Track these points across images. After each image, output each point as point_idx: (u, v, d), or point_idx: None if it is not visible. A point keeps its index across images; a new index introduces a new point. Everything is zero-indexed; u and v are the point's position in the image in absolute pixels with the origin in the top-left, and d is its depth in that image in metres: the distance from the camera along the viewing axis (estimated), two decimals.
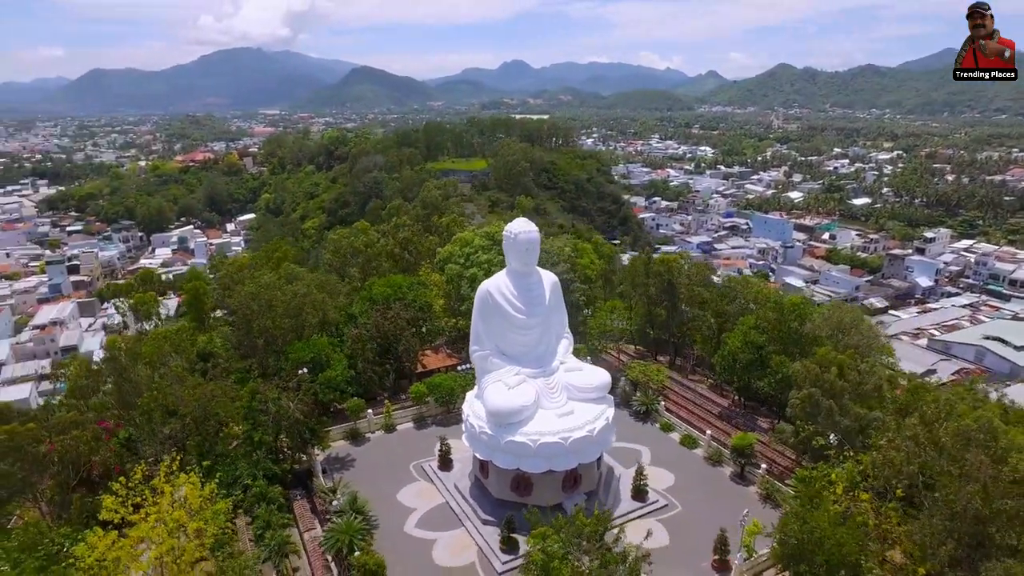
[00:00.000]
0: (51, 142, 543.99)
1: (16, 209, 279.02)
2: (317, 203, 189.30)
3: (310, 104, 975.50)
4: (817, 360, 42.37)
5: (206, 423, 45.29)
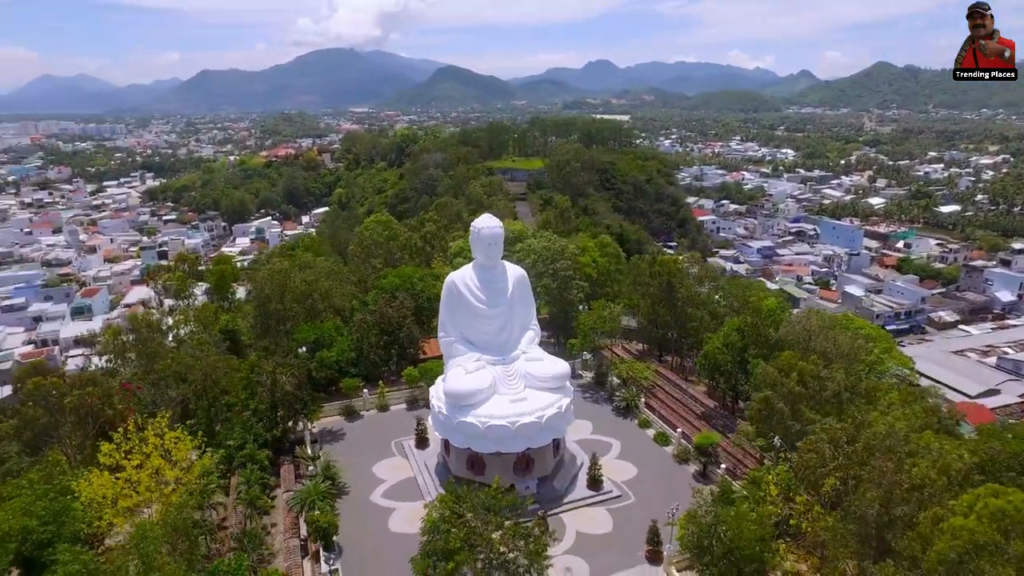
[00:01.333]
0: (161, 138, 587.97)
1: (124, 199, 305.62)
2: (382, 198, 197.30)
3: (397, 102, 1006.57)
4: (777, 364, 42.47)
5: (212, 390, 50.52)
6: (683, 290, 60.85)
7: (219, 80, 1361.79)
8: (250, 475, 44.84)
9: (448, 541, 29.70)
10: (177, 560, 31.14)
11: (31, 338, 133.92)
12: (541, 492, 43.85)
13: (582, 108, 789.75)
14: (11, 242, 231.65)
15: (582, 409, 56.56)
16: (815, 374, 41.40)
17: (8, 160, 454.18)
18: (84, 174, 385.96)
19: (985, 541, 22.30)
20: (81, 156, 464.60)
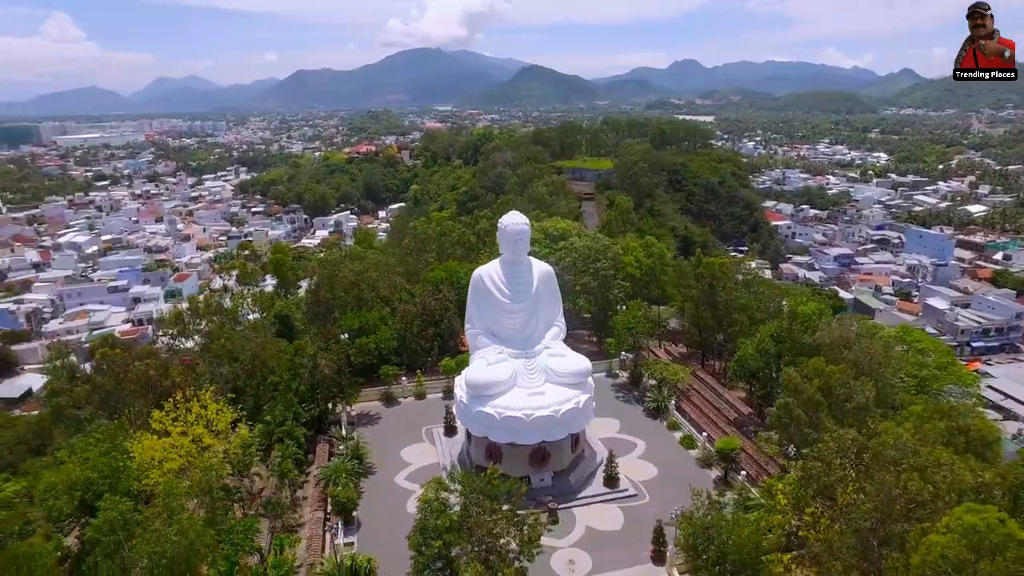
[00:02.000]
0: (257, 135, 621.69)
1: (219, 192, 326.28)
2: (454, 196, 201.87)
3: (481, 101, 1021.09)
4: (800, 370, 41.44)
5: (260, 369, 54.25)
6: (723, 293, 59.79)
7: (313, 79, 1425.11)
8: (285, 450, 47.95)
9: (439, 520, 31.16)
10: (200, 516, 34.12)
11: (129, 317, 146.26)
12: (556, 485, 44.67)
13: (665, 108, 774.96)
14: (120, 229, 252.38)
15: (612, 408, 56.94)
16: (843, 383, 40.13)
17: (125, 155, 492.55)
18: (186, 168, 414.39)
19: (956, 559, 21.50)
20: (185, 151, 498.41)
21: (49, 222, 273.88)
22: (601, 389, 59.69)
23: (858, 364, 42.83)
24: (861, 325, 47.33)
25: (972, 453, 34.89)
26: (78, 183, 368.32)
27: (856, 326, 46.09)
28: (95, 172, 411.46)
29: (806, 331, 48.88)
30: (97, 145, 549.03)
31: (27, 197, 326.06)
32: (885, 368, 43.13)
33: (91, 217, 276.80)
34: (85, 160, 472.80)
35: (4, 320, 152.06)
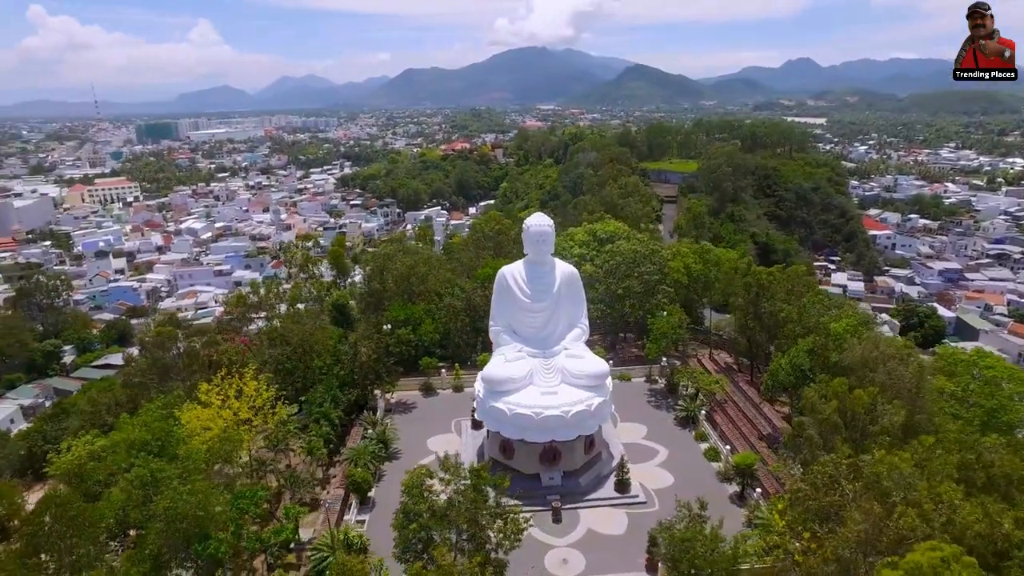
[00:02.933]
0: (364, 131, 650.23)
1: (322, 185, 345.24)
2: (538, 195, 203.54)
3: (584, 100, 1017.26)
4: (819, 389, 39.58)
5: (307, 353, 58.05)
6: (767, 304, 57.49)
7: (421, 77, 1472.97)
8: (318, 429, 51.29)
9: (419, 505, 32.66)
10: (213, 479, 37.43)
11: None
12: (565, 485, 45.10)
13: (773, 110, 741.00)
14: (231, 217, 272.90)
15: (643, 413, 56.44)
16: (867, 406, 37.97)
17: (245, 149, 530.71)
18: (296, 161, 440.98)
19: None
20: (298, 146, 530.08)
21: (175, 209, 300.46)
22: (636, 394, 59.73)
23: (889, 387, 40.25)
24: (892, 346, 44.05)
25: (997, 492, 32.25)
26: (203, 174, 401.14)
27: (881, 347, 42.96)
28: (217, 164, 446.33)
29: (836, 349, 46.33)
30: (223, 139, 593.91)
31: (161, 187, 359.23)
32: (917, 393, 40.23)
33: (209, 206, 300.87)
34: (211, 153, 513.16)
35: (128, 296, 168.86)
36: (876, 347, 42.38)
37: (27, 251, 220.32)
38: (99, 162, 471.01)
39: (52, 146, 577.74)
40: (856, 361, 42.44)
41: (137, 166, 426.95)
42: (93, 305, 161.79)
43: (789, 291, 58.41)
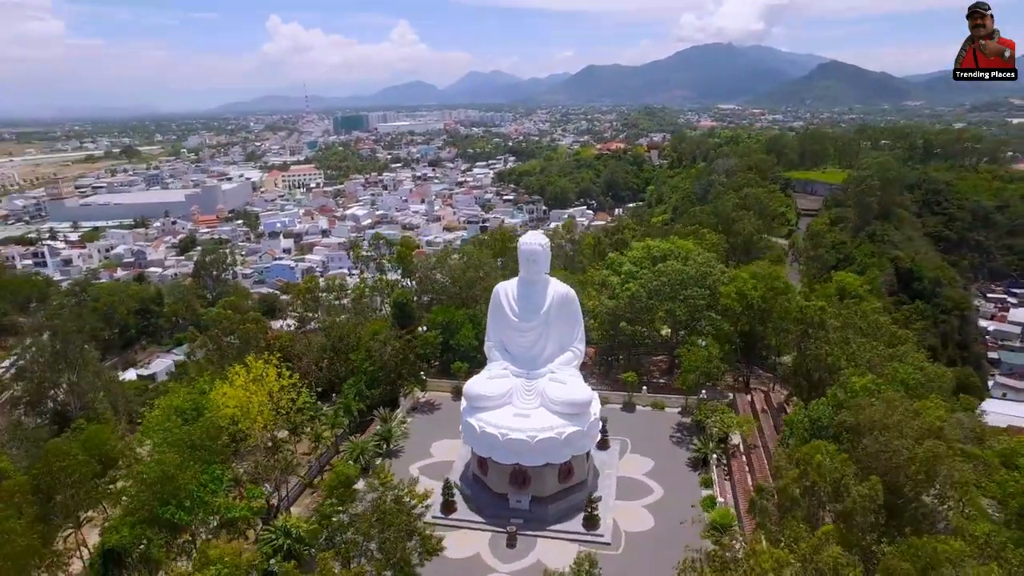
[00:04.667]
0: (536, 126, 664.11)
1: (481, 179, 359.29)
2: (674, 201, 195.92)
3: (769, 100, 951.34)
4: (786, 452, 34.77)
5: (343, 346, 62.00)
6: (812, 345, 50.87)
7: (602, 74, 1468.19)
8: (332, 418, 54.76)
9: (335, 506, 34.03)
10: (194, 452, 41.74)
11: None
12: (533, 510, 44.06)
13: (998, 110, 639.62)
14: (390, 206, 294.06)
15: (657, 447, 53.10)
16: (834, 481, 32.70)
17: (422, 141, 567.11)
18: (464, 155, 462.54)
19: None
20: (470, 140, 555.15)
21: (347, 196, 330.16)
22: (662, 425, 56.43)
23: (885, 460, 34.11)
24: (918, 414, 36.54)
25: None
26: (379, 164, 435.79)
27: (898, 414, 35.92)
28: (394, 155, 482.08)
29: (851, 408, 39.79)
30: (405, 132, 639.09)
31: (341, 175, 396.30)
32: (926, 476, 33.56)
33: (375, 194, 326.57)
34: (391, 144, 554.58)
35: (285, 273, 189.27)
36: (892, 412, 35.93)
37: (221, 228, 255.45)
38: (297, 151, 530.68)
39: (267, 136, 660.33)
40: (865, 424, 36.47)
41: (326, 155, 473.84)
42: (257, 279, 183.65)
43: (849, 327, 51.32)
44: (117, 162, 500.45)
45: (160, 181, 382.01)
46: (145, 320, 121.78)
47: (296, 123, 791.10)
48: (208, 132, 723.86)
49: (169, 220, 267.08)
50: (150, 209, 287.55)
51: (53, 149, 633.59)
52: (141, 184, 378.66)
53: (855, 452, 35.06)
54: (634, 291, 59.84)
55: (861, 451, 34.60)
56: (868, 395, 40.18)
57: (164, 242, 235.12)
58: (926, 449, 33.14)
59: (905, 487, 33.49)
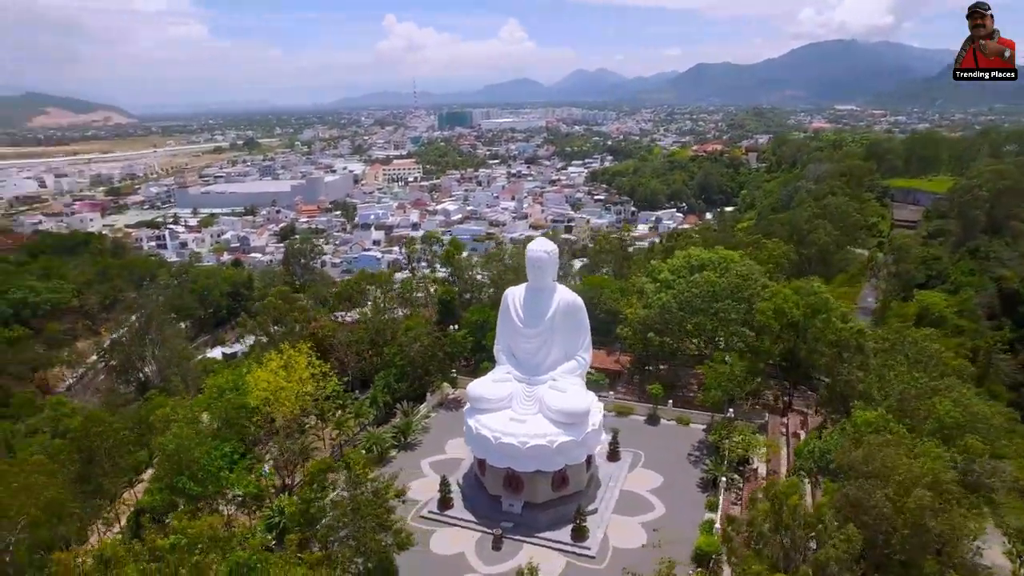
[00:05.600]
0: (638, 126, 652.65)
1: (575, 177, 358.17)
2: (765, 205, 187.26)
3: (894, 100, 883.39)
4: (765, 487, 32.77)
5: (378, 340, 64.64)
6: (843, 371, 47.50)
7: (711, 73, 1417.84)
8: (357, 408, 57.35)
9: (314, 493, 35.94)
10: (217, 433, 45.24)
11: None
12: (524, 515, 44.29)
13: None
14: (481, 202, 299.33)
15: (671, 464, 51.70)
16: (810, 521, 30.80)
17: (522, 139, 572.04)
18: (561, 153, 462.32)
19: None
20: (569, 138, 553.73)
21: (441, 191, 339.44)
22: (681, 441, 54.85)
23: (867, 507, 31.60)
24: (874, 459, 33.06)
25: None
26: (476, 160, 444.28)
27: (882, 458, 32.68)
28: (493, 152, 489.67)
29: (855, 442, 36.84)
30: (506, 129, 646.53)
31: (438, 170, 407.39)
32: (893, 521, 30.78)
33: (469, 190, 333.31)
34: (491, 141, 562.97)
35: (371, 263, 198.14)
36: (872, 457, 33.11)
37: (319, 219, 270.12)
38: (401, 145, 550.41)
39: (375, 131, 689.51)
40: (847, 466, 33.93)
41: (427, 150, 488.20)
42: (345, 269, 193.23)
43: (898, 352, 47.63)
44: (239, 153, 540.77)
45: (272, 172, 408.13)
46: (236, 302, 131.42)
47: (404, 118, 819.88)
48: (322, 126, 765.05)
49: (274, 209, 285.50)
50: (260, 198, 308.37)
51: (189, 141, 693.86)
52: (255, 174, 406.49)
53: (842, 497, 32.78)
54: (665, 301, 58.37)
55: (841, 498, 32.27)
56: (872, 431, 37.20)
57: (267, 229, 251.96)
58: (914, 499, 30.46)
59: (892, 540, 30.98)
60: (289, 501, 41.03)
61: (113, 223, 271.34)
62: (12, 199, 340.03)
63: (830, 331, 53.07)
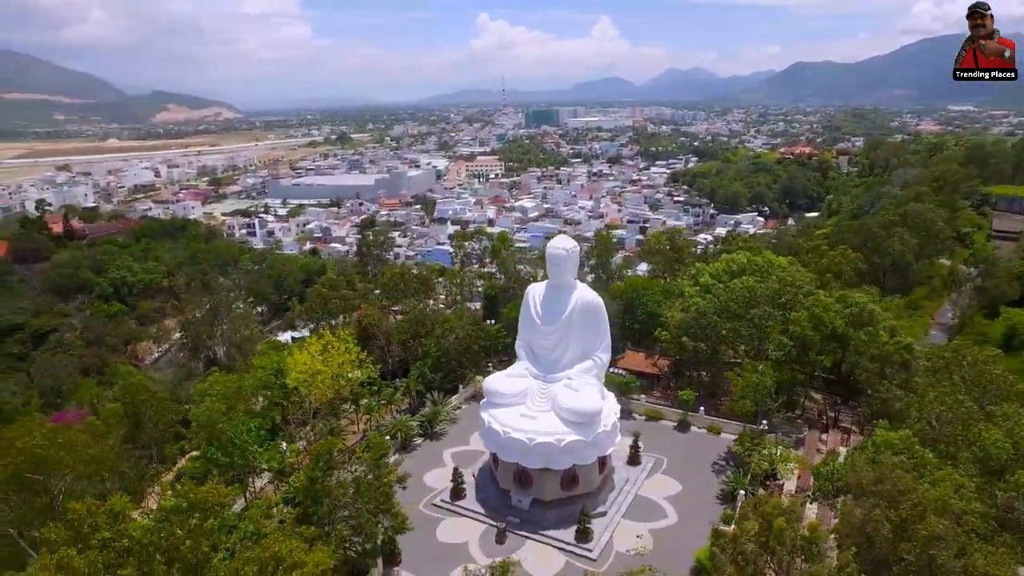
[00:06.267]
0: (728, 127, 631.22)
1: (656, 178, 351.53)
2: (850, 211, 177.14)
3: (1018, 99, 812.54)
4: (752, 502, 31.37)
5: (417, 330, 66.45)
6: (883, 389, 44.53)
7: (811, 72, 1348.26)
8: (391, 395, 59.25)
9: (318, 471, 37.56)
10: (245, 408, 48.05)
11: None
12: (532, 512, 44.47)
13: None
14: (557, 201, 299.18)
15: (694, 473, 50.33)
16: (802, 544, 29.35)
17: (607, 138, 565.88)
18: (646, 153, 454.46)
19: None
20: (655, 138, 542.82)
21: (520, 188, 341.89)
22: (710, 450, 53.23)
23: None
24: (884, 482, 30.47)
25: None
26: (559, 159, 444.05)
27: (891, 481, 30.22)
28: (575, 151, 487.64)
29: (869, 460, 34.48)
30: (592, 127, 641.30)
31: (520, 167, 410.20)
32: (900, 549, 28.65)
33: (548, 188, 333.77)
34: (576, 140, 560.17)
35: (443, 258, 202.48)
36: (886, 477, 30.99)
37: (398, 212, 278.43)
38: (486, 142, 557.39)
39: (463, 128, 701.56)
40: (863, 483, 31.95)
41: (511, 147, 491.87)
42: (418, 261, 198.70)
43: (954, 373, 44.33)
44: (331, 147, 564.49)
45: (360, 166, 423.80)
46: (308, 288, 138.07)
47: (492, 116, 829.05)
48: (412, 122, 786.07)
49: (357, 201, 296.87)
50: (345, 191, 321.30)
51: (287, 135, 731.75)
52: (343, 168, 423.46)
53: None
54: (700, 306, 56.83)
55: (842, 520, 30.50)
56: (894, 453, 34.81)
57: (349, 221, 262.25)
58: (924, 527, 28.43)
59: (895, 569, 29.08)
60: (296, 477, 43.11)
61: (211, 211, 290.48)
62: (132, 187, 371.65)
63: (874, 345, 49.96)
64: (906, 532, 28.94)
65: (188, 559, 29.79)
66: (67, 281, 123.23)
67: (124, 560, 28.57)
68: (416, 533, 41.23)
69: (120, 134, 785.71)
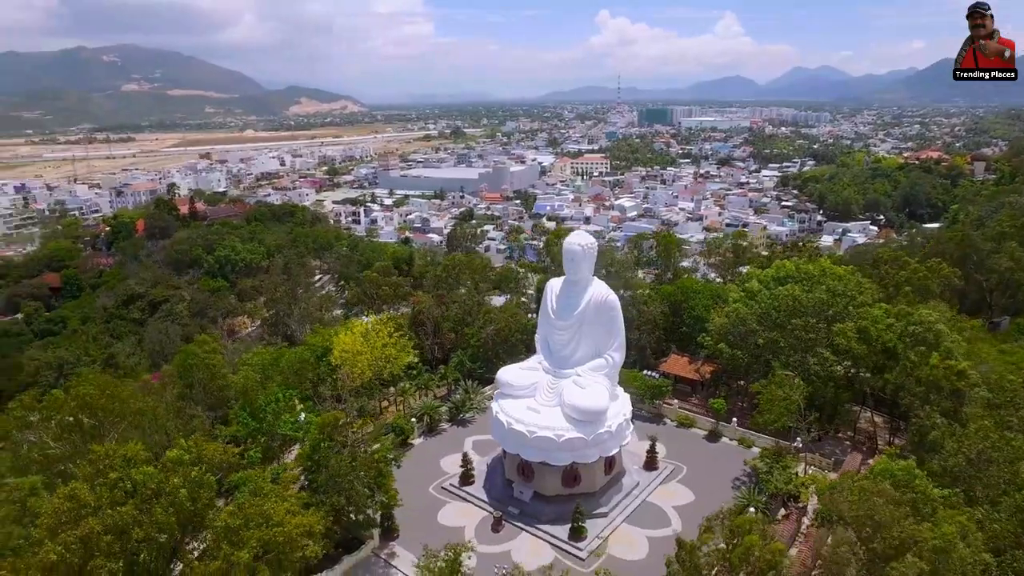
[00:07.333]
0: (854, 129, 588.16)
1: (765, 181, 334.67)
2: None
3: None
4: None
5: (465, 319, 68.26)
6: (924, 416, 40.65)
7: None
8: (427, 381, 61.40)
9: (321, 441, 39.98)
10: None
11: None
12: (532, 504, 44.86)
13: None
14: (657, 201, 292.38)
15: (712, 484, 48.61)
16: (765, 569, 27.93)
17: (721, 139, 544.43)
18: (759, 155, 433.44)
19: None
20: (772, 139, 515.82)
21: (622, 187, 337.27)
22: (733, 464, 51.50)
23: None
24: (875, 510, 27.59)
25: None
26: (667, 159, 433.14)
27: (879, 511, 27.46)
28: (686, 151, 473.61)
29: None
30: (706, 127, 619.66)
31: (626, 166, 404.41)
32: None
33: (650, 188, 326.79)
34: (688, 140, 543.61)
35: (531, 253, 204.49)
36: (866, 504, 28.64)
37: (496, 206, 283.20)
38: (596, 140, 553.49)
39: (575, 125, 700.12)
40: (839, 508, 29.78)
41: (618, 145, 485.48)
42: (508, 255, 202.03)
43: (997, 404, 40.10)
44: (444, 141, 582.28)
45: (467, 160, 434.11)
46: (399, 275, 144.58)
47: (605, 114, 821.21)
48: (526, 118, 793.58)
49: (459, 194, 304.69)
50: (450, 183, 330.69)
51: (404, 129, 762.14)
52: (451, 161, 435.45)
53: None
54: (741, 312, 54.51)
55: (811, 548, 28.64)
56: (894, 484, 31.87)
57: (449, 213, 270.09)
58: (900, 567, 26.17)
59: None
60: (302, 448, 46.06)
61: (323, 199, 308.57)
62: (259, 175, 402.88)
63: (924, 367, 45.82)
64: (876, 570, 26.88)
65: (186, 507, 33.03)
66: (183, 257, 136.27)
67: (126, 500, 32.13)
68: (419, 513, 43.07)
69: (256, 125, 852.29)
